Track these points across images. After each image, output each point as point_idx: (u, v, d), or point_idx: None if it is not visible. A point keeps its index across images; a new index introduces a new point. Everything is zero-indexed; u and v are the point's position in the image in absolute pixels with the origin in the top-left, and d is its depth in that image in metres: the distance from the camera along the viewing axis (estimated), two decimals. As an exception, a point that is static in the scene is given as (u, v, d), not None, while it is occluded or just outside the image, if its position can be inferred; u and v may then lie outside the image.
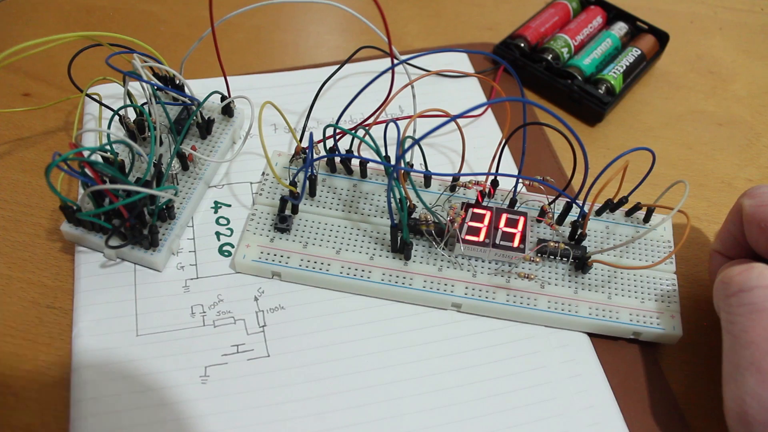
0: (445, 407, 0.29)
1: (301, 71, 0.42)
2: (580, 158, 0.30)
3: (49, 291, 0.32)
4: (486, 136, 0.39)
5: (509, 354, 0.31)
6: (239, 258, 0.32)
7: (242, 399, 0.29)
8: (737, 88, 0.46)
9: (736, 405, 0.25)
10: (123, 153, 0.34)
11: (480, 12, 0.49)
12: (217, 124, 0.37)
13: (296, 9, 0.48)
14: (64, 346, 0.30)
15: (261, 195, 0.34)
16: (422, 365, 0.30)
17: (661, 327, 0.31)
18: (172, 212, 0.32)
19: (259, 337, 0.31)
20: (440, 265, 0.33)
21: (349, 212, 0.34)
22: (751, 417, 0.24)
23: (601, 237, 0.34)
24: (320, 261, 0.32)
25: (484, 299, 0.32)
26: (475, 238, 0.32)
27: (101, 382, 0.28)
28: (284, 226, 0.33)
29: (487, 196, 0.34)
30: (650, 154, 0.31)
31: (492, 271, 0.33)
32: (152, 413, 0.28)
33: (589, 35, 0.45)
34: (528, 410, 0.29)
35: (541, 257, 0.33)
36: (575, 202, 0.32)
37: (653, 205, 0.34)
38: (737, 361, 0.26)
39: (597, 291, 0.32)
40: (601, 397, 0.30)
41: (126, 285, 0.32)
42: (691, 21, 0.50)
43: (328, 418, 0.28)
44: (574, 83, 0.42)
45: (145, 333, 0.30)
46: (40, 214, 0.34)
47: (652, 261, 0.34)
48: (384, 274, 0.32)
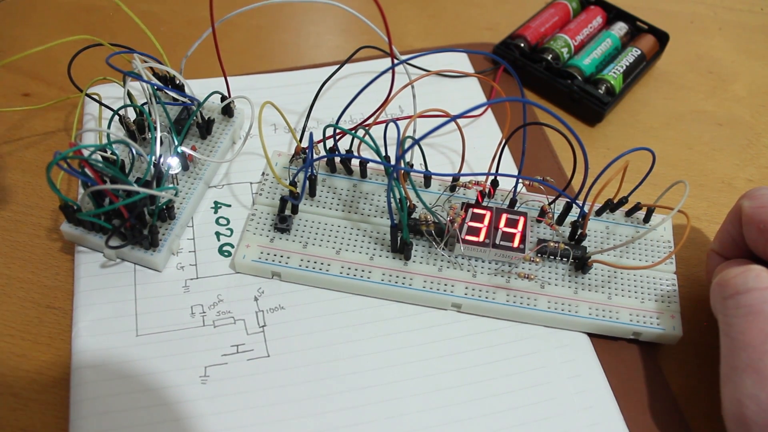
0: (445, 407, 0.29)
1: (301, 71, 0.42)
2: (580, 158, 0.30)
3: (49, 291, 0.32)
4: (486, 136, 0.39)
5: (509, 354, 0.31)
6: (239, 258, 0.32)
7: (242, 399, 0.29)
8: (737, 88, 0.46)
9: (734, 407, 0.25)
10: (123, 153, 0.34)
11: (480, 12, 0.49)
12: (217, 124, 0.37)
13: (296, 9, 0.48)
14: (63, 346, 0.30)
15: (261, 195, 0.34)
16: (422, 365, 0.30)
17: (661, 327, 0.31)
18: (172, 212, 0.32)
19: (259, 337, 0.31)
20: (440, 265, 0.33)
21: (349, 212, 0.34)
22: (749, 419, 0.24)
23: (601, 237, 0.34)
24: (320, 261, 0.32)
25: (484, 299, 0.32)
26: (475, 238, 0.32)
27: (101, 382, 0.28)
28: (284, 226, 0.33)
29: (487, 196, 0.34)
30: (650, 154, 0.31)
31: (492, 271, 0.33)
32: (152, 413, 0.28)
33: (589, 35, 0.45)
34: (528, 410, 0.29)
35: (541, 257, 0.33)
36: (575, 203, 0.32)
37: (653, 205, 0.34)
38: (735, 363, 0.26)
39: (597, 291, 0.32)
40: (601, 397, 0.30)
41: (126, 285, 0.32)
42: (691, 21, 0.50)
43: (328, 418, 0.28)
44: (574, 83, 0.42)
45: (144, 333, 0.30)
46: (40, 214, 0.34)
47: (652, 261, 0.34)
48: (384, 274, 0.32)
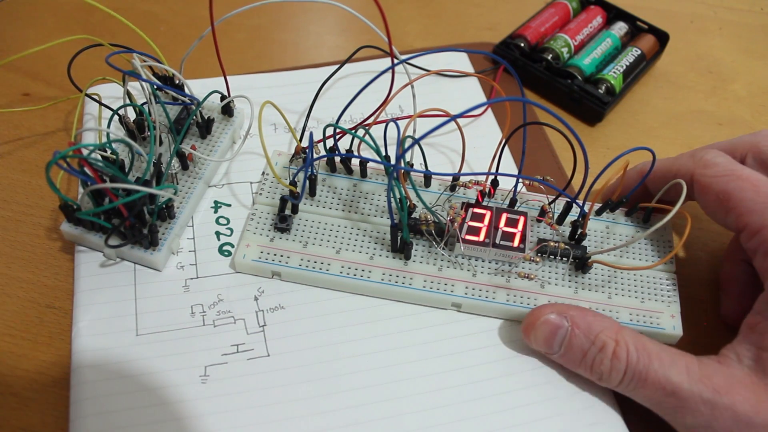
0: (445, 407, 0.29)
1: (300, 71, 0.42)
2: (580, 158, 0.30)
3: (49, 291, 0.32)
4: (486, 136, 0.39)
5: (509, 354, 0.31)
6: (239, 258, 0.32)
7: (242, 399, 0.29)
8: (737, 88, 0.46)
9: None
10: (123, 152, 0.34)
11: (480, 12, 0.49)
12: (217, 124, 0.37)
13: (296, 9, 0.48)
14: (63, 346, 0.30)
15: (261, 195, 0.34)
16: (421, 365, 0.30)
17: (661, 327, 0.31)
18: (171, 212, 0.32)
19: (259, 336, 0.31)
20: (440, 264, 0.33)
21: (349, 212, 0.34)
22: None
23: (601, 237, 0.34)
24: (320, 261, 0.32)
25: (484, 299, 0.32)
26: (475, 238, 0.32)
27: (101, 382, 0.28)
28: (284, 226, 0.33)
29: (487, 195, 0.34)
30: (650, 153, 0.31)
31: (492, 270, 0.33)
32: (152, 413, 0.28)
33: (589, 35, 0.45)
34: (528, 410, 0.29)
35: (541, 257, 0.33)
36: (575, 202, 0.32)
37: (652, 205, 0.34)
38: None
39: (597, 291, 0.32)
40: (601, 396, 0.30)
41: (126, 285, 0.32)
42: (691, 21, 0.50)
43: (328, 417, 0.28)
44: (574, 83, 0.42)
45: (144, 333, 0.30)
46: (39, 214, 0.34)
47: (652, 261, 0.34)
48: (384, 273, 0.32)
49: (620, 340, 0.27)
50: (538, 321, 0.29)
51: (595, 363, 0.28)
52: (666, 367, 0.26)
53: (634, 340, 0.27)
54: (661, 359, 0.27)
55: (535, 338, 0.29)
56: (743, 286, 0.32)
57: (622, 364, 0.27)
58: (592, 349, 0.28)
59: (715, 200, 0.29)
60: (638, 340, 0.27)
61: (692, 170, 0.30)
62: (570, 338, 0.28)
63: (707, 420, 0.25)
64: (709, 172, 0.30)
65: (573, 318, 0.28)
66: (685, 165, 0.31)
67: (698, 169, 0.30)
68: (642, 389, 0.27)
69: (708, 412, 0.25)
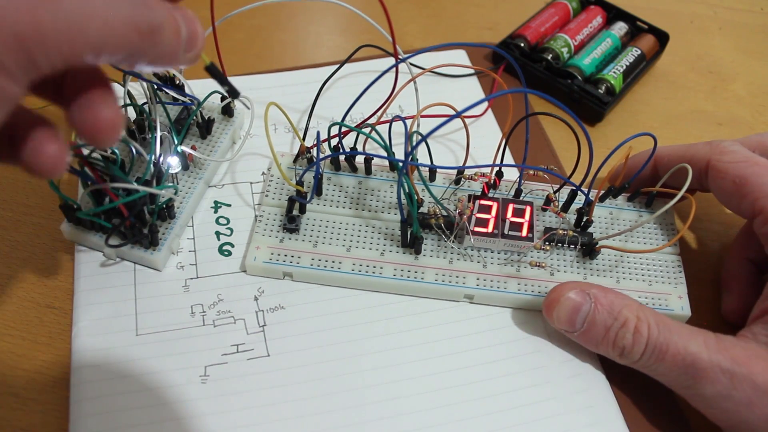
0: (445, 406, 0.29)
1: (301, 71, 0.42)
2: (584, 144, 0.30)
3: (49, 291, 0.32)
4: (486, 136, 0.39)
5: (509, 354, 0.31)
6: (250, 260, 0.32)
7: (242, 399, 0.29)
8: (737, 88, 0.46)
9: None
10: (123, 152, 0.34)
11: (480, 12, 0.49)
12: (217, 124, 0.37)
13: (296, 9, 0.48)
14: (63, 346, 0.30)
15: (267, 196, 0.34)
16: (421, 365, 0.30)
17: (670, 308, 0.32)
18: (172, 211, 0.32)
19: (259, 336, 0.30)
20: (451, 257, 0.33)
21: (357, 209, 0.34)
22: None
23: (606, 223, 0.34)
24: (331, 259, 0.32)
25: (496, 289, 0.32)
26: (484, 230, 0.32)
27: (101, 382, 0.28)
28: (293, 227, 0.33)
29: (492, 187, 0.34)
30: (652, 139, 0.32)
31: (502, 261, 0.33)
32: (152, 413, 0.28)
33: (589, 35, 0.45)
34: (528, 410, 0.29)
35: (550, 245, 0.33)
36: (580, 190, 0.33)
37: (656, 190, 0.34)
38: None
39: (605, 276, 0.33)
40: (601, 396, 0.30)
41: (126, 284, 0.31)
42: (691, 21, 0.50)
43: (328, 417, 0.28)
44: (574, 83, 0.42)
45: (144, 333, 0.30)
46: (40, 214, 0.34)
47: (656, 245, 0.34)
48: (396, 269, 0.32)
49: (641, 316, 0.28)
50: (561, 297, 0.29)
51: (618, 338, 0.28)
52: (685, 340, 0.27)
53: (654, 316, 0.28)
54: (681, 333, 0.27)
55: (557, 316, 0.30)
56: (745, 284, 0.32)
57: (643, 338, 0.27)
58: (614, 324, 0.28)
59: (731, 185, 0.30)
60: (657, 316, 0.28)
61: (708, 156, 0.31)
62: (593, 314, 0.29)
63: (726, 389, 0.26)
64: (726, 158, 0.30)
65: (595, 295, 0.29)
66: (701, 151, 0.31)
67: (715, 155, 0.31)
68: (662, 362, 0.27)
69: (727, 382, 0.26)
